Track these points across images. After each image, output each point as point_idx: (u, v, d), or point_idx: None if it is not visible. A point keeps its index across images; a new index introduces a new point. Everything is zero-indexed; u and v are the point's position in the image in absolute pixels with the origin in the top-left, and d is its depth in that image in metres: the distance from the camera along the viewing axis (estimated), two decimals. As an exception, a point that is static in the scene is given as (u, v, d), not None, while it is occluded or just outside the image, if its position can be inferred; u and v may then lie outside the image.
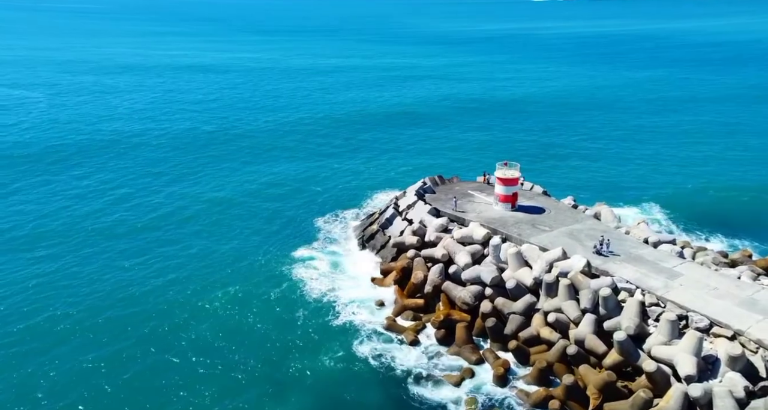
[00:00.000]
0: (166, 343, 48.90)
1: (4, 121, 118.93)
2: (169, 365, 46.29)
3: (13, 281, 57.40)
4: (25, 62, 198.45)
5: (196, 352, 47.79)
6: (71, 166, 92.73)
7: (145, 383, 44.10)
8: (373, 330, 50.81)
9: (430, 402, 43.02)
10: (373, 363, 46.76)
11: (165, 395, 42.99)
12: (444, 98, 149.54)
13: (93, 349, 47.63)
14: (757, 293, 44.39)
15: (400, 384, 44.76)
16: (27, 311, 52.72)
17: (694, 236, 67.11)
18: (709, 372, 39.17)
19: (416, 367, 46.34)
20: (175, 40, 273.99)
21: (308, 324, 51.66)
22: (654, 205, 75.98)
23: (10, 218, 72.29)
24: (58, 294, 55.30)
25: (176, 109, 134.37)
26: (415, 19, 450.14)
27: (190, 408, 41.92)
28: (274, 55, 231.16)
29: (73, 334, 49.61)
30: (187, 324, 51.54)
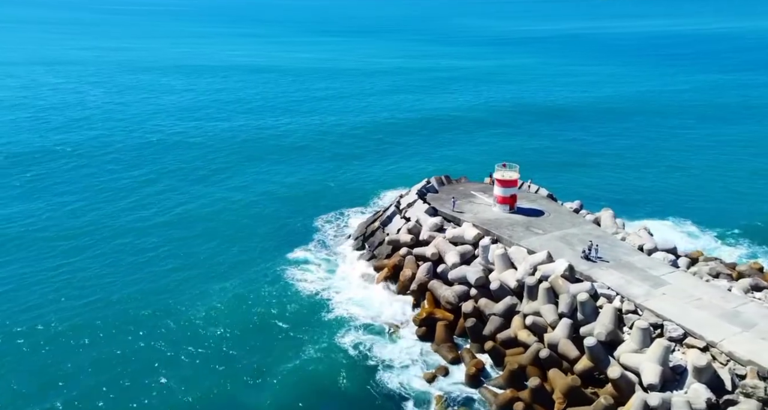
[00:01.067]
0: (159, 331, 51.38)
1: (61, 117, 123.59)
2: (160, 352, 48.58)
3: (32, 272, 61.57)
4: (94, 62, 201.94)
5: (186, 341, 49.87)
6: (108, 162, 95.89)
7: (132, 367, 46.62)
8: (358, 325, 52.24)
9: (400, 396, 44.09)
10: (352, 356, 48.03)
11: (153, 379, 45.30)
12: (487, 102, 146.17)
13: (89, 336, 50.65)
14: (742, 305, 43.54)
15: (373, 377, 45.82)
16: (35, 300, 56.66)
17: (727, 251, 64.85)
18: (677, 383, 38.86)
19: (392, 362, 47.46)
20: (235, 42, 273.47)
21: (297, 318, 53.14)
22: (695, 220, 73.25)
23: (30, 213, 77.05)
24: (66, 286, 58.50)
25: (220, 109, 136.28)
26: (464, 20, 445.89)
27: (175, 392, 43.94)
28: (322, 56, 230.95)
29: (76, 319, 52.95)
30: (183, 313, 53.80)
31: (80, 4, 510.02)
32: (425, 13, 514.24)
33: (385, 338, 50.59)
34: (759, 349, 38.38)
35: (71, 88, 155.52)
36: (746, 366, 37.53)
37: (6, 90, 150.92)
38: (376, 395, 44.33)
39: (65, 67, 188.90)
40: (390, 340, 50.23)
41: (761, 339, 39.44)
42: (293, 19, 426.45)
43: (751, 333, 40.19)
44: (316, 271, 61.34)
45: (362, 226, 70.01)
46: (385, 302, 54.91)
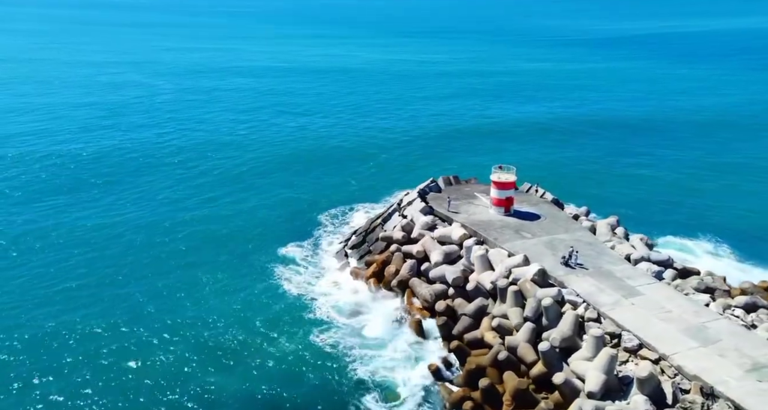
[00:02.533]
0: (142, 315, 55.10)
1: (121, 120, 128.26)
2: (137, 336, 52.03)
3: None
4: (166, 63, 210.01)
5: (166, 328, 53.04)
6: (163, 163, 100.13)
7: (106, 348, 50.51)
8: (335, 318, 54.58)
9: (359, 386, 46.01)
10: (325, 349, 50.09)
11: (125, 364, 48.48)
12: (549, 108, 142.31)
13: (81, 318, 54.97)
14: (713, 321, 42.78)
15: (339, 367, 47.86)
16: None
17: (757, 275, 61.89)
18: (622, 393, 38.93)
19: (361, 354, 49.53)
20: (305, 43, 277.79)
21: (279, 311, 55.60)
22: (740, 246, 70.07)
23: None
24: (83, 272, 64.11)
25: (275, 111, 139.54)
26: (530, 20, 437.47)
27: (145, 378, 46.79)
28: (392, 57, 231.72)
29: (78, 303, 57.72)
30: (171, 302, 57.35)
31: (167, 7, 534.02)
32: (488, 14, 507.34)
33: (361, 332, 52.55)
34: (711, 365, 37.85)
35: (152, 85, 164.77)
36: (692, 381, 37.17)
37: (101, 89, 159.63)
38: (345, 387, 46.09)
39: (151, 66, 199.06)
40: (364, 335, 52.16)
41: (717, 356, 38.83)
42: (362, 21, 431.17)
43: (709, 348, 39.59)
44: (310, 265, 64.25)
45: (369, 221, 72.34)
46: (367, 297, 57.00)
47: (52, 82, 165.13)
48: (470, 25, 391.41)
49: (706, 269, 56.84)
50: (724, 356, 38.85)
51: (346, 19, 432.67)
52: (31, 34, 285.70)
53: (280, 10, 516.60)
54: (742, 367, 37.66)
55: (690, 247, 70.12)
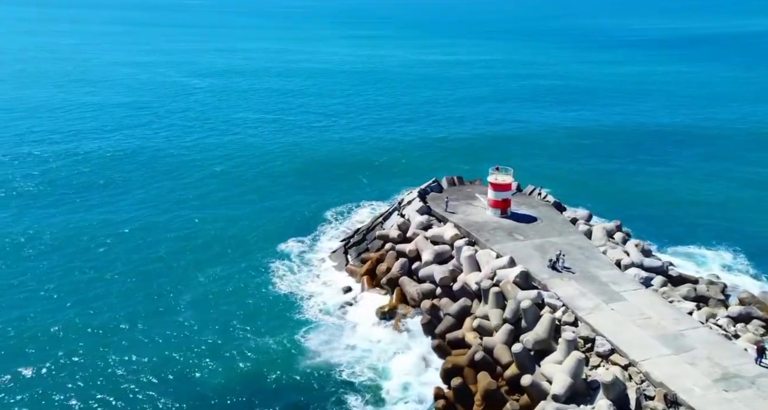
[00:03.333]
0: (134, 303, 57.76)
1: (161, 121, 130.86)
2: (122, 323, 54.61)
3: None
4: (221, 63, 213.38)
5: (155, 324, 54.90)
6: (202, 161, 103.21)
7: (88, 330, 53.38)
8: (324, 317, 56.02)
9: (341, 385, 46.90)
10: (306, 344, 51.66)
11: (108, 349, 50.91)
12: (587, 117, 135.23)
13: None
14: (691, 330, 42.61)
15: (322, 366, 48.88)
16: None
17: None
18: (589, 397, 39.25)
19: (344, 353, 50.66)
20: (348, 44, 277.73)
21: (268, 305, 57.77)
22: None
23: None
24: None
25: (302, 111, 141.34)
26: (596, 20, 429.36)
27: (128, 367, 48.83)
28: (430, 58, 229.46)
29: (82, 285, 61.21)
30: (165, 296, 59.56)
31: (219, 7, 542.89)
32: (532, 14, 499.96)
33: (346, 331, 53.72)
34: (679, 373, 37.87)
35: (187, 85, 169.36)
36: (657, 387, 37.28)
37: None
38: (327, 386, 47.02)
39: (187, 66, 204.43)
40: (350, 334, 53.32)
41: (687, 364, 38.78)
42: (410, 21, 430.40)
43: (681, 356, 39.54)
44: (306, 262, 66.08)
45: (372, 220, 73.61)
46: (357, 295, 58.32)
47: (97, 82, 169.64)
48: (513, 26, 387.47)
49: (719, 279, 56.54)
50: (694, 364, 38.76)
51: (394, 20, 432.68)
52: (81, 35, 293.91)
53: (323, 11, 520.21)
54: (710, 376, 37.56)
55: (709, 257, 69.21)
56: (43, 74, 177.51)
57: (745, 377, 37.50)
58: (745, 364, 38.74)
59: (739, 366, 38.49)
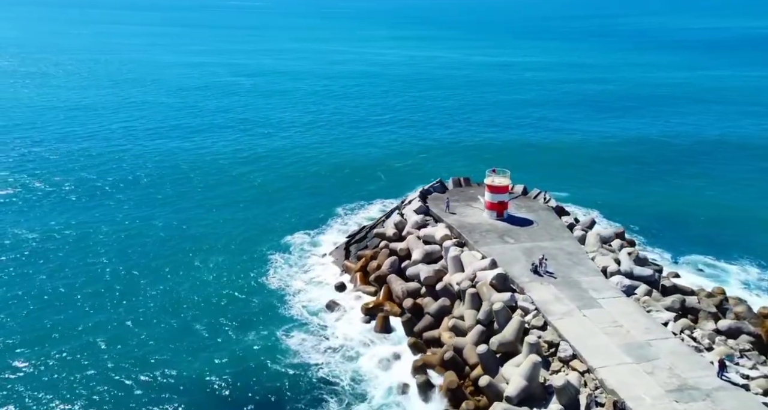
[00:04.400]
0: (131, 288, 60.77)
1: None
2: (113, 317, 56.67)
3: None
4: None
5: (144, 312, 57.30)
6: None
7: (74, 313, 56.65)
8: (310, 306, 58.03)
9: (318, 382, 48.05)
10: (288, 339, 53.14)
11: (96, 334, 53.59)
12: (636, 127, 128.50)
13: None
14: (660, 340, 42.46)
15: (301, 361, 50.17)
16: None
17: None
18: (544, 401, 39.79)
19: (324, 349, 52.22)
20: (403, 45, 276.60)
21: (260, 300, 59.38)
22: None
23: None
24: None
25: (337, 111, 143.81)
26: (651, 19, 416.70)
27: (109, 355, 50.89)
28: (476, 59, 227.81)
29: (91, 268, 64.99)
30: (161, 284, 62.30)
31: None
32: (601, 12, 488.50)
33: (329, 324, 55.41)
34: (633, 382, 37.99)
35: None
36: (609, 395, 37.55)
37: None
38: (303, 383, 47.89)
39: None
40: (332, 327, 55.02)
41: (646, 373, 38.81)
42: (463, 21, 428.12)
43: (641, 365, 39.58)
44: (306, 256, 68.21)
45: (380, 218, 75.20)
46: (347, 292, 60.02)
47: (145, 82, 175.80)
48: (561, 25, 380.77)
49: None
50: (652, 374, 38.76)
51: (442, 20, 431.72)
52: (139, 36, 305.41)
53: (375, 11, 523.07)
54: (665, 386, 37.53)
55: (732, 272, 67.82)
56: (95, 75, 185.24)
57: (701, 389, 37.29)
58: (705, 377, 38.47)
59: (698, 379, 38.27)
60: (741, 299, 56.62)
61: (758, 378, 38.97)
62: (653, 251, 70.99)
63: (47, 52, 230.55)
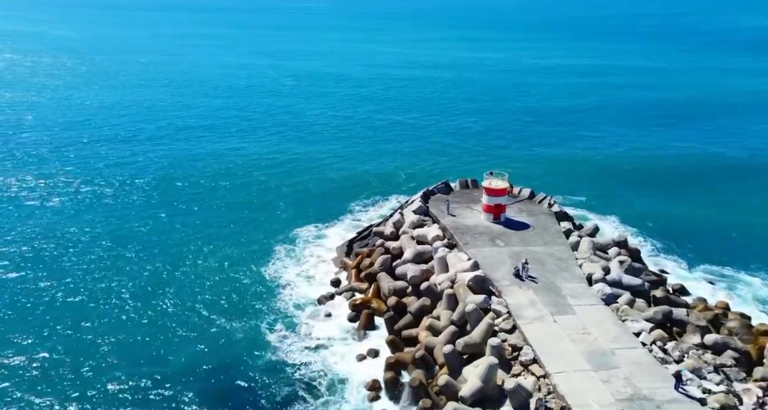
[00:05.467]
0: (133, 282, 63.26)
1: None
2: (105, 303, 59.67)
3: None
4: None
5: (143, 293, 60.60)
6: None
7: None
8: (300, 306, 59.69)
9: (290, 364, 50.58)
10: (278, 327, 55.75)
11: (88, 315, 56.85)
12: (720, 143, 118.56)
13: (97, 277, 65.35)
14: (625, 349, 42.44)
15: (279, 348, 52.51)
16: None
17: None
18: (499, 403, 40.51)
19: (309, 334, 54.46)
20: (461, 46, 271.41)
21: (254, 292, 61.52)
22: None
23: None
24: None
25: (373, 110, 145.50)
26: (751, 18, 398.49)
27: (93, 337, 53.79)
28: (558, 62, 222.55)
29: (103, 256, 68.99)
30: (165, 268, 65.66)
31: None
32: (676, 10, 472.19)
33: (316, 318, 57.13)
34: (586, 388, 38.28)
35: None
36: (558, 400, 37.98)
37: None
38: (280, 377, 49.39)
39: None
40: (318, 321, 56.74)
41: (601, 381, 39.01)
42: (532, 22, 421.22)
43: (599, 373, 39.76)
44: (309, 251, 70.29)
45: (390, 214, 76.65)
46: (340, 288, 61.74)
47: (196, 83, 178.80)
48: (626, 25, 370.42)
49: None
50: (608, 382, 38.92)
51: (498, 20, 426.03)
52: (192, 37, 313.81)
53: (431, 12, 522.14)
54: (617, 395, 37.68)
55: (756, 285, 65.91)
56: (150, 76, 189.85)
57: (653, 400, 37.28)
58: (662, 389, 38.37)
59: (654, 390, 38.21)
60: (744, 315, 55.44)
61: (718, 394, 38.55)
62: (671, 259, 70.06)
63: (109, 53, 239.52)
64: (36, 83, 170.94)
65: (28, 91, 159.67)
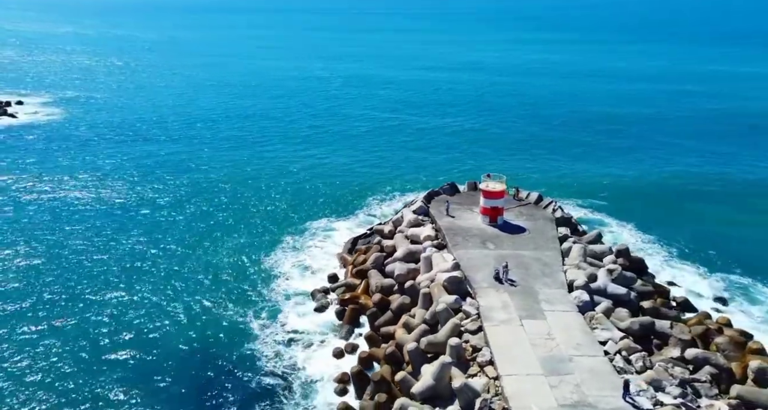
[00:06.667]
0: (140, 265, 67.30)
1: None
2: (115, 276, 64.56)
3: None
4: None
5: (144, 275, 64.47)
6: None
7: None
8: (302, 293, 62.28)
9: (267, 354, 52.41)
10: (268, 312, 58.35)
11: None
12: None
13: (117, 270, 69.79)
14: (585, 357, 42.63)
15: (263, 334, 54.92)
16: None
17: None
18: (450, 401, 41.47)
19: (294, 327, 56.61)
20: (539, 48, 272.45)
21: (251, 282, 64.08)
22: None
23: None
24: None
25: (417, 109, 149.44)
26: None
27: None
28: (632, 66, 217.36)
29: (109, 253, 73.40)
30: (177, 251, 69.91)
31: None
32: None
33: (306, 311, 59.22)
34: (531, 392, 38.83)
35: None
36: (501, 401, 38.66)
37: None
38: (258, 356, 52.13)
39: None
40: (304, 314, 58.69)
41: (549, 386, 39.43)
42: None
43: (549, 378, 40.16)
44: (315, 244, 72.51)
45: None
46: (338, 281, 63.73)
47: (250, 85, 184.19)
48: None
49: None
50: (556, 387, 39.30)
51: (581, 22, 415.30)
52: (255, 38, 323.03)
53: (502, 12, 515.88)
54: (561, 401, 38.07)
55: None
56: (207, 79, 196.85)
57: (597, 408, 37.54)
58: (609, 397, 38.49)
59: (600, 398, 38.38)
60: (745, 333, 54.14)
61: (668, 406, 38.27)
62: (690, 271, 67.94)
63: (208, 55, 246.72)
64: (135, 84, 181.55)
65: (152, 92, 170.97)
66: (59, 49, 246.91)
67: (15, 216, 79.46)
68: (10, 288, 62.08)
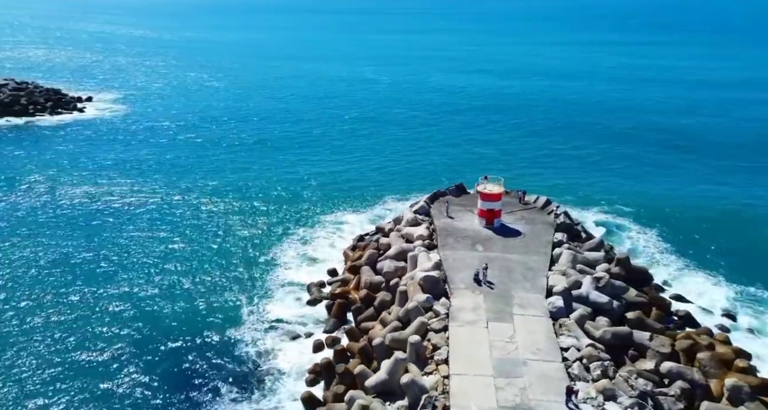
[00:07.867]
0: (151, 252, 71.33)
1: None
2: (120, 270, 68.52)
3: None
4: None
5: (149, 266, 68.01)
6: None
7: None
8: (297, 286, 64.62)
9: (249, 343, 54.87)
10: (260, 302, 60.98)
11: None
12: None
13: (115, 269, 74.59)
14: (540, 361, 42.89)
15: (249, 323, 57.56)
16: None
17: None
18: (401, 396, 42.61)
19: (281, 318, 58.83)
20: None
21: (253, 271, 67.04)
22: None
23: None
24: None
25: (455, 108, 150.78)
26: None
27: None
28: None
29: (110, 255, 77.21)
30: (191, 238, 74.11)
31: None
32: None
33: (297, 303, 61.41)
34: (475, 393, 39.57)
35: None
36: (443, 400, 39.52)
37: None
38: (240, 346, 54.51)
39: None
40: (299, 306, 60.99)
41: (494, 387, 40.05)
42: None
43: (497, 380, 40.75)
44: (324, 238, 74.92)
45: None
46: (337, 275, 65.67)
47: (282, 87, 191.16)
48: None
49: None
50: (501, 389, 39.85)
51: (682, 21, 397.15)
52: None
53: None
54: (502, 402, 38.66)
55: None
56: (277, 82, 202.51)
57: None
58: (552, 402, 38.80)
59: (543, 402, 38.73)
60: (742, 351, 52.75)
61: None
62: (709, 284, 66.21)
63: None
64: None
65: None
66: (135, 52, 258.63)
67: (52, 204, 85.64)
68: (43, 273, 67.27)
